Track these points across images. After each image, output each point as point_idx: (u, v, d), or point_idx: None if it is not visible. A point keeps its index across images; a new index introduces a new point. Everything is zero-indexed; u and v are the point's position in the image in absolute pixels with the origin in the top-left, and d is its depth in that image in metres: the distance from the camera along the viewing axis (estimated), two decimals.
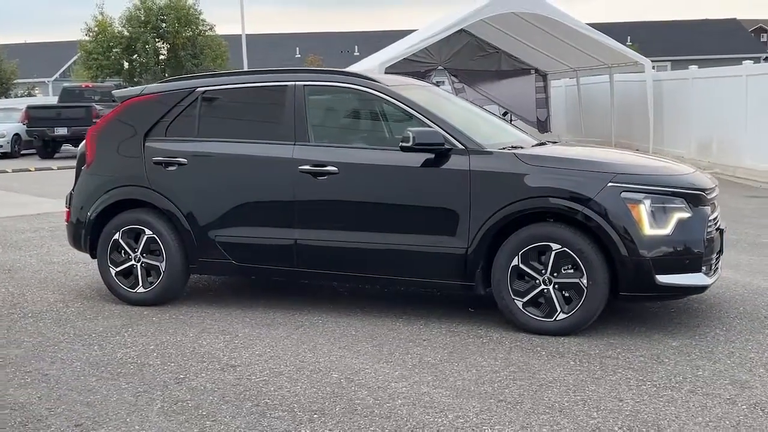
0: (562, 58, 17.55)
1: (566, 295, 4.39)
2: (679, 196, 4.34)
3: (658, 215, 4.27)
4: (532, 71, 18.68)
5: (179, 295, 5.44)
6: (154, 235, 5.25)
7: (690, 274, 4.29)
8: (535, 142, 5.21)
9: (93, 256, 5.52)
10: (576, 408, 3.44)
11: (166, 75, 29.28)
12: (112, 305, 5.37)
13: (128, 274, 5.36)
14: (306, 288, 5.73)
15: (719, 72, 13.86)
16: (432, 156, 4.65)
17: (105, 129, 5.56)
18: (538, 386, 3.70)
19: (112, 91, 7.10)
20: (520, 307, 4.49)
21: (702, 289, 4.43)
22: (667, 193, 4.34)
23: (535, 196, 4.42)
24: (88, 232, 5.43)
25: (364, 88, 5.04)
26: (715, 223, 4.49)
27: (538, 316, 4.46)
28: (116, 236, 5.33)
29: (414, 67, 16.58)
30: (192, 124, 5.29)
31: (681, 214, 4.30)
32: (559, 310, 4.40)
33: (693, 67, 15.18)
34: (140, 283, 5.32)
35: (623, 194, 4.28)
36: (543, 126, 18.43)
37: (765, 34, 52.59)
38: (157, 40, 29.53)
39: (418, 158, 4.68)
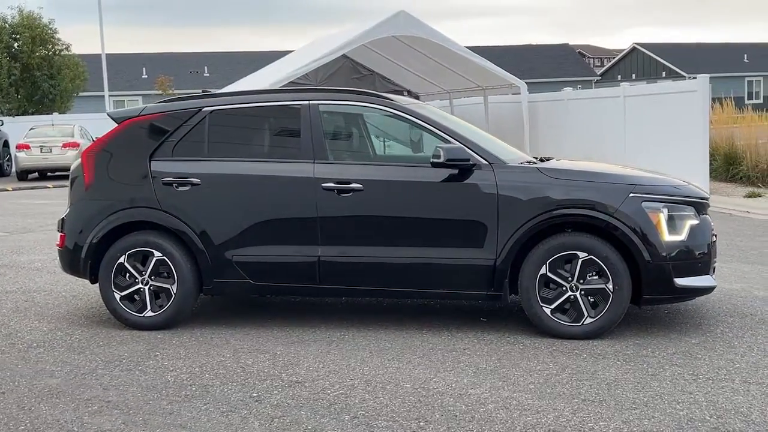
0: (437, 81, 18.13)
1: (592, 300, 4.65)
2: (689, 205, 4.76)
3: (673, 222, 4.65)
4: (405, 93, 19.15)
5: (187, 317, 5.14)
6: (164, 257, 4.93)
7: (701, 277, 4.70)
8: (537, 158, 5.46)
9: (93, 282, 5.08)
10: (658, 402, 3.66)
11: (19, 96, 27.09)
12: (116, 330, 4.99)
13: (134, 298, 4.99)
14: (294, 305, 5.62)
15: (595, 93, 15.03)
16: (457, 171, 4.76)
17: (103, 150, 5.16)
18: (607, 385, 3.90)
19: (107, 112, 6.58)
20: (548, 313, 4.69)
21: (711, 289, 4.86)
22: (680, 201, 4.74)
23: (562, 207, 4.65)
24: (88, 256, 5.00)
25: (382, 107, 5.07)
26: (712, 230, 4.96)
27: (566, 322, 4.68)
28: (121, 259, 4.96)
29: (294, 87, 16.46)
30: (201, 144, 5.06)
31: (692, 221, 4.71)
32: (586, 315, 4.64)
33: (568, 89, 16.34)
34: (148, 307, 4.97)
35: (644, 204, 4.62)
36: (417, 146, 18.92)
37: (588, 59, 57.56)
38: (10, 60, 27.06)
39: (443, 174, 4.77)
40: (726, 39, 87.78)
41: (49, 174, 19.42)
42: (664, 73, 45.27)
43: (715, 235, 4.96)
